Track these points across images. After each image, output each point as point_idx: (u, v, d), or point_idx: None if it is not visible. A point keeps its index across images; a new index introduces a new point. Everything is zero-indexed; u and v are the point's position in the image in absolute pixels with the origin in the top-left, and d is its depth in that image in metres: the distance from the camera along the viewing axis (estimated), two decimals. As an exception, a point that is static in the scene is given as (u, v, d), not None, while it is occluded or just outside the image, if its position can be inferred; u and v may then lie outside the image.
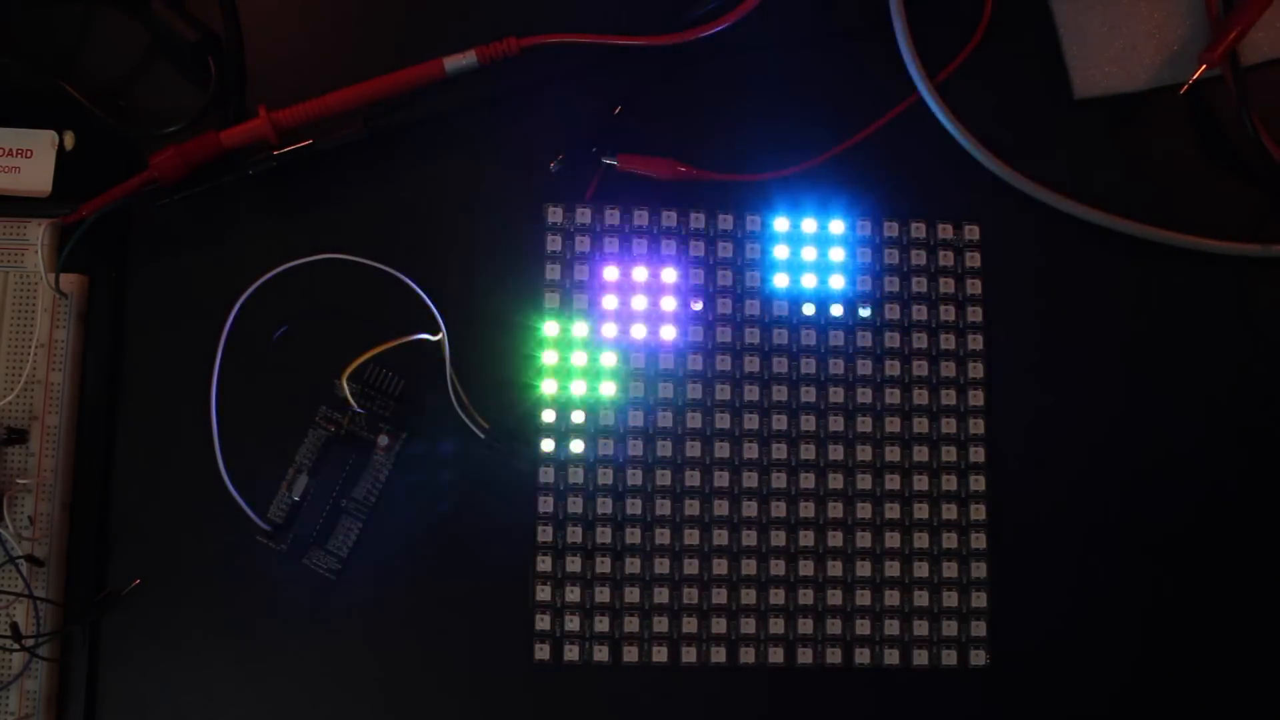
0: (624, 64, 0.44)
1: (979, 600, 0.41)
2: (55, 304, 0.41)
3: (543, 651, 0.40)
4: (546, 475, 0.41)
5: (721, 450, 0.42)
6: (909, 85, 0.44)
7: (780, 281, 0.43)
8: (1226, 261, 0.44)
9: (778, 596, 0.41)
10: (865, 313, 0.42)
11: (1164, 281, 0.44)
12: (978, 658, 0.41)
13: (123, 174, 0.41)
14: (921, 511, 0.42)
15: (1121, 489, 0.43)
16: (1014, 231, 0.44)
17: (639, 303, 0.42)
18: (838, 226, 0.43)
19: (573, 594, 0.41)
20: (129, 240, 0.42)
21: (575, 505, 0.41)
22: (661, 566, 0.41)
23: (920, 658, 0.41)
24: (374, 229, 0.42)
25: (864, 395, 0.42)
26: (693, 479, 0.41)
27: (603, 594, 0.41)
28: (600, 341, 0.42)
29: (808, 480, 0.42)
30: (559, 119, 0.43)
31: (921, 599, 0.41)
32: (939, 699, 0.41)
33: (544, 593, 0.40)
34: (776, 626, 0.41)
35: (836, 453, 0.42)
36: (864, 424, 0.42)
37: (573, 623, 0.40)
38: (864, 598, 0.41)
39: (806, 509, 0.42)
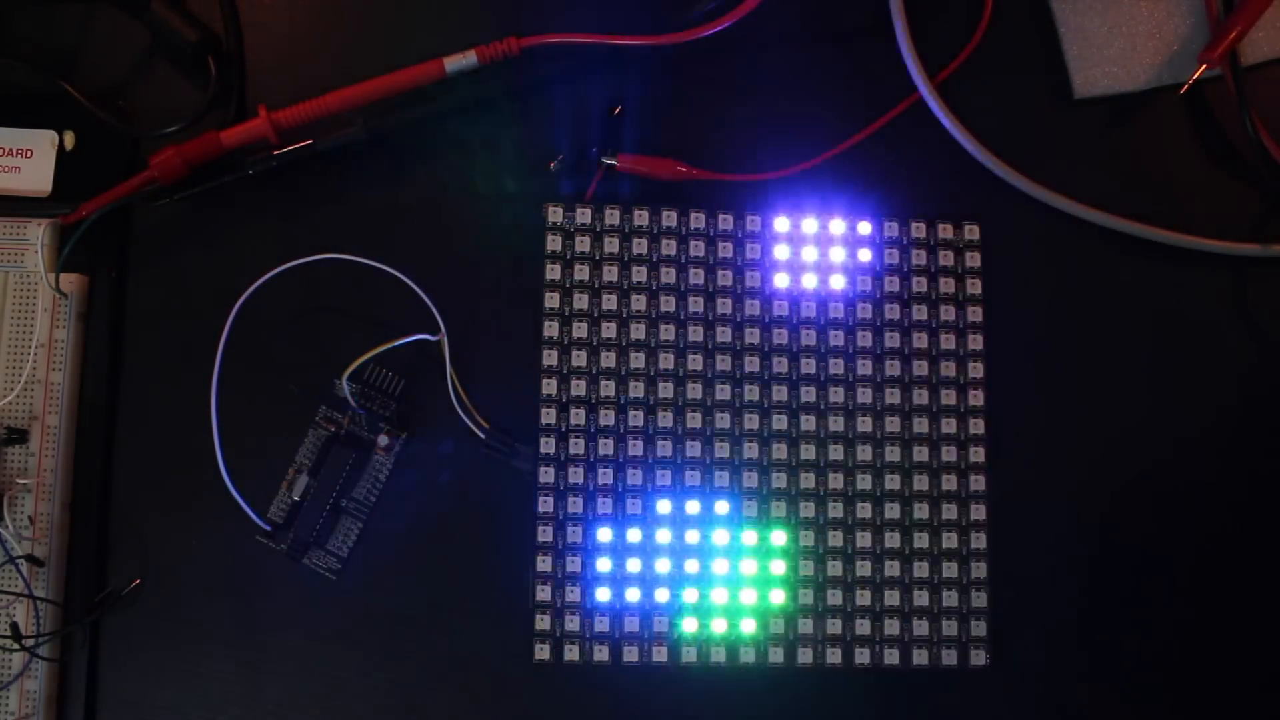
0: (624, 64, 0.44)
1: (979, 600, 0.41)
2: (55, 304, 0.41)
3: (543, 651, 0.40)
4: (546, 475, 0.41)
5: (721, 450, 0.42)
6: (909, 85, 0.44)
7: (780, 281, 0.43)
8: (1226, 261, 0.44)
9: (778, 596, 0.41)
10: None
11: (1164, 281, 0.44)
12: (978, 658, 0.41)
13: (123, 174, 0.41)
14: (921, 511, 0.42)
15: (1121, 489, 0.43)
16: (1014, 231, 0.44)
17: (639, 302, 0.42)
18: (838, 226, 0.43)
19: (573, 594, 0.41)
20: (129, 240, 0.42)
21: (575, 505, 0.41)
22: (661, 566, 0.41)
23: (920, 658, 0.41)
24: (374, 229, 0.42)
25: (864, 395, 0.42)
26: (693, 479, 0.41)
27: (603, 594, 0.41)
28: (600, 341, 0.42)
29: (808, 480, 0.42)
30: (559, 119, 0.43)
31: (921, 599, 0.41)
32: (939, 699, 0.41)
33: (544, 593, 0.40)
34: (777, 626, 0.41)
35: (836, 452, 0.42)
36: (864, 424, 0.42)
37: (573, 623, 0.40)
38: (864, 597, 0.41)
39: (806, 509, 0.42)
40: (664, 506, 0.41)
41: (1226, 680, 0.42)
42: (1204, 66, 0.44)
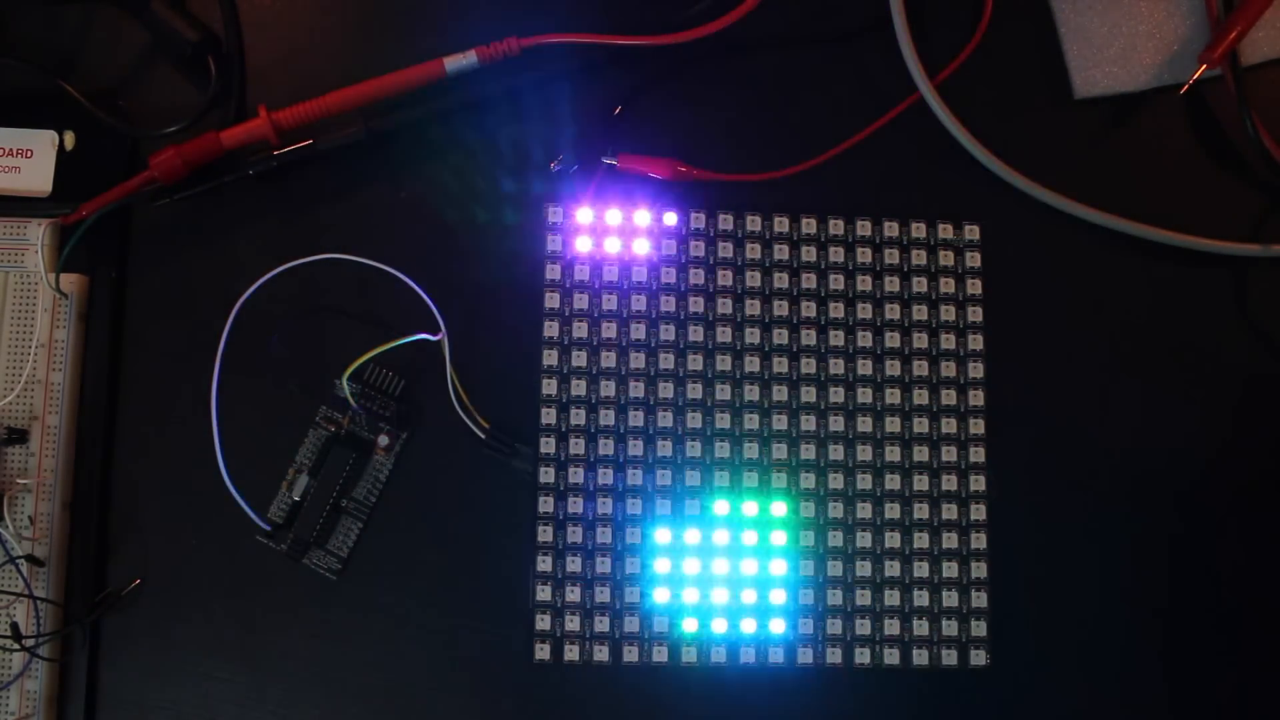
0: (624, 64, 0.44)
1: (979, 600, 0.41)
2: (55, 304, 0.41)
3: (543, 651, 0.40)
4: (546, 475, 0.41)
5: (722, 450, 0.42)
6: (909, 85, 0.44)
7: (779, 281, 0.43)
8: (1226, 261, 0.44)
9: (778, 597, 0.41)
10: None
11: (1164, 281, 0.44)
12: (978, 658, 0.41)
13: (123, 174, 0.41)
14: (921, 511, 0.42)
15: (1120, 489, 0.43)
16: (1014, 231, 0.44)
17: (639, 302, 0.42)
18: (836, 226, 0.43)
19: (573, 594, 0.41)
20: (129, 240, 0.42)
21: (575, 505, 0.41)
22: (661, 566, 0.41)
23: (920, 658, 0.41)
24: (374, 229, 0.42)
25: (864, 395, 0.42)
26: (693, 479, 0.41)
27: (603, 594, 0.41)
28: (600, 341, 0.42)
29: (808, 480, 0.42)
30: (559, 119, 0.43)
31: (921, 599, 0.41)
32: (939, 699, 0.41)
33: (544, 593, 0.40)
34: (777, 626, 0.41)
35: (836, 453, 0.42)
36: (864, 424, 0.42)
37: (573, 623, 0.40)
38: (864, 598, 0.41)
39: (807, 508, 0.42)
40: (664, 506, 0.41)
41: (1226, 681, 0.42)
42: (1204, 66, 0.44)
